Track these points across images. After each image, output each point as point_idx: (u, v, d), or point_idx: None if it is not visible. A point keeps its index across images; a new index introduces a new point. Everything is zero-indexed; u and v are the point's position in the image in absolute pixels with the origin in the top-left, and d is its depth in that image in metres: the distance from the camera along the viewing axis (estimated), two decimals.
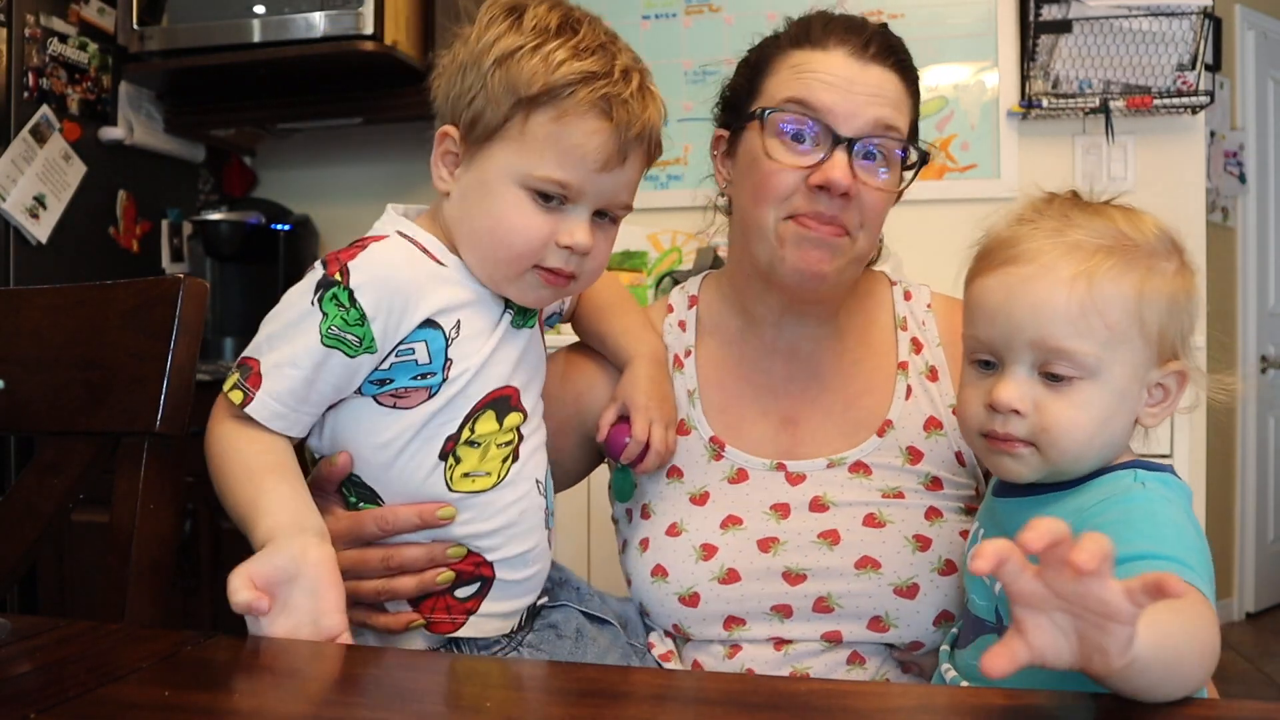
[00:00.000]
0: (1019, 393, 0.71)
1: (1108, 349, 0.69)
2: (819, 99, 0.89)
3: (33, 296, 1.02)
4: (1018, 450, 0.72)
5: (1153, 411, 0.73)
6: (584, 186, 0.78)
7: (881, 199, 0.92)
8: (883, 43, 0.92)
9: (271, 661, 0.66)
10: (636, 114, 0.78)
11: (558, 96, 0.76)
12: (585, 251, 0.80)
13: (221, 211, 2.58)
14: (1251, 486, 3.80)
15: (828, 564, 0.90)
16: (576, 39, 0.78)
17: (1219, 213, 3.66)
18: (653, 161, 0.84)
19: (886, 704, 0.54)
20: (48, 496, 0.95)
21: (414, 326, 0.79)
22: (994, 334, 0.72)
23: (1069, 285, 0.69)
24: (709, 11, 2.58)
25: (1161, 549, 0.62)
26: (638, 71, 0.80)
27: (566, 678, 0.64)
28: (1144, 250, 0.71)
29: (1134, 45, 2.28)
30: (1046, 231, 0.72)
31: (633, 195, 0.83)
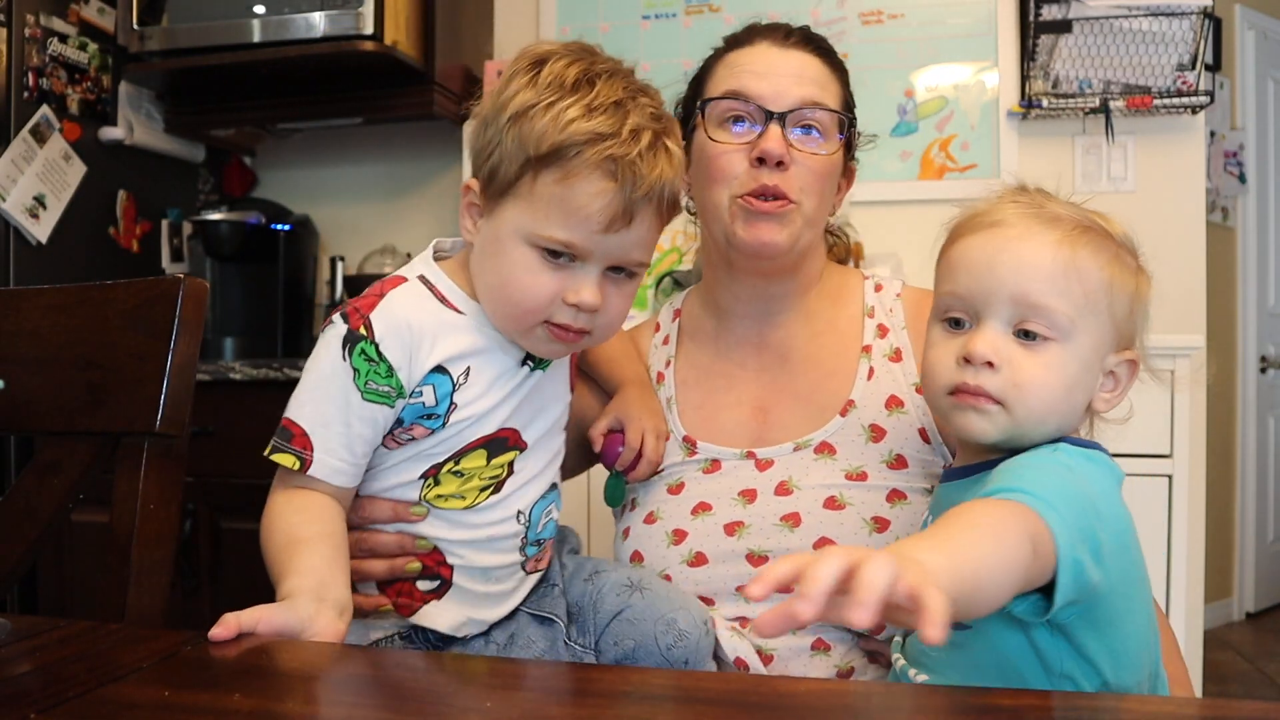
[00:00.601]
0: (994, 345, 0.73)
1: (1081, 315, 0.72)
2: (749, 86, 0.99)
3: (33, 296, 1.02)
4: (985, 406, 0.73)
5: (1105, 397, 0.76)
6: (589, 246, 0.78)
7: (819, 164, 0.99)
8: (803, 34, 1.04)
9: (271, 661, 0.66)
10: (644, 174, 0.77)
11: (564, 157, 0.76)
12: (593, 310, 0.80)
13: (221, 211, 2.58)
14: (1251, 486, 3.80)
15: (788, 545, 0.94)
16: (590, 96, 0.77)
17: (1219, 213, 3.67)
18: (669, 218, 0.83)
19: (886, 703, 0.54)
20: (48, 496, 0.95)
21: (425, 372, 0.82)
22: (975, 288, 0.74)
23: (1054, 246, 0.72)
24: (709, 11, 2.58)
25: (1029, 487, 0.64)
26: (650, 130, 0.78)
27: (567, 678, 0.64)
28: (1114, 240, 0.75)
29: (1134, 45, 2.28)
30: (1027, 206, 0.76)
31: (647, 253, 0.83)
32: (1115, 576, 0.67)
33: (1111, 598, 0.68)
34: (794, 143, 0.98)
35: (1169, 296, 2.50)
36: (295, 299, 2.64)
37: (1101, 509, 0.67)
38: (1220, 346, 3.54)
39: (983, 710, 0.56)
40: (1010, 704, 0.56)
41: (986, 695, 0.59)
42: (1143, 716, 0.54)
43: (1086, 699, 0.59)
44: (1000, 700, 0.57)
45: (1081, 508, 0.65)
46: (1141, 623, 0.72)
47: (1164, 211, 2.37)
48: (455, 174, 2.66)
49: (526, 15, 2.71)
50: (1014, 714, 0.55)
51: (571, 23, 2.66)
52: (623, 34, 2.63)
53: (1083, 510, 0.65)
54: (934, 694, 0.58)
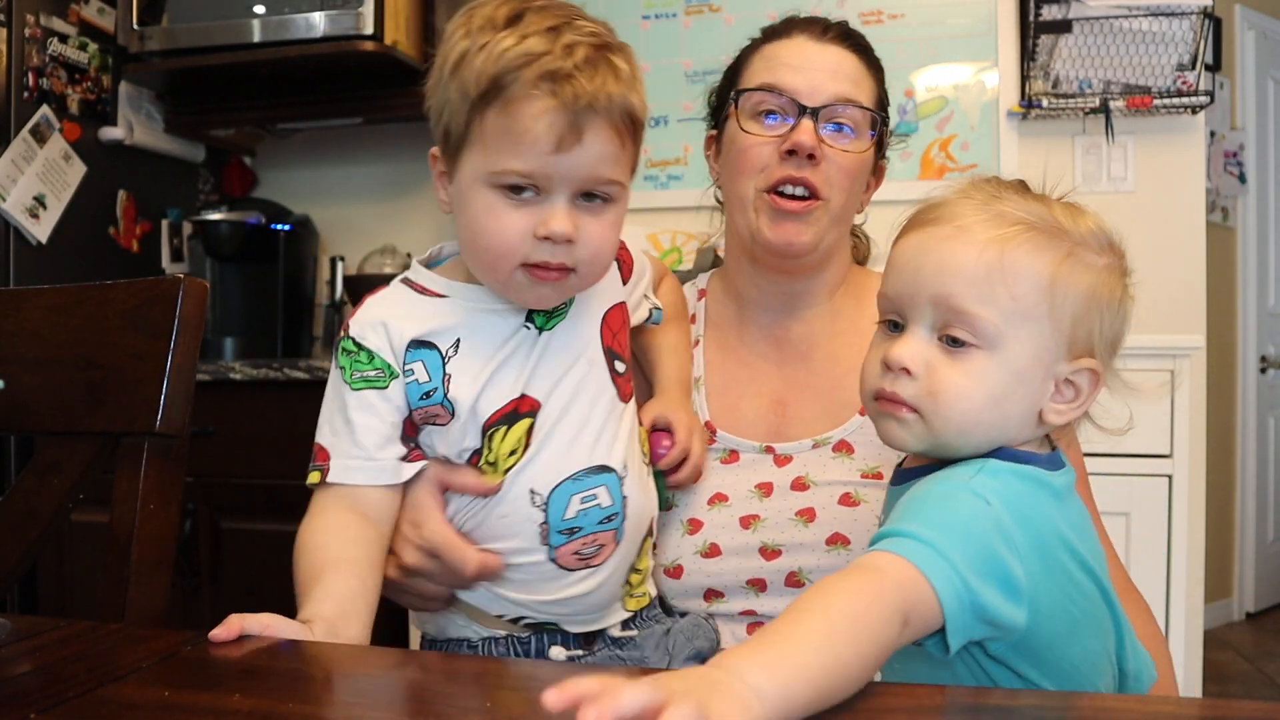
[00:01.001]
0: (912, 351, 0.69)
1: (1010, 323, 0.67)
2: (784, 80, 0.99)
3: (33, 296, 1.02)
4: (903, 414, 0.69)
5: (1058, 408, 0.69)
6: (546, 171, 0.75)
7: (849, 160, 0.99)
8: (841, 29, 1.04)
9: (271, 661, 0.66)
10: (585, 86, 0.73)
11: (502, 86, 0.74)
12: (565, 239, 0.77)
13: (221, 211, 2.58)
14: (1251, 486, 3.80)
15: (801, 540, 0.94)
16: (521, 26, 0.75)
17: (1219, 213, 3.67)
18: (633, 137, 0.80)
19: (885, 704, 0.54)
20: (48, 496, 0.95)
21: (404, 348, 0.82)
22: (901, 290, 0.70)
23: (981, 248, 0.67)
24: (709, 11, 2.58)
25: (920, 530, 0.60)
26: (586, 44, 0.75)
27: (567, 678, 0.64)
28: (1071, 237, 0.69)
29: (1134, 45, 2.28)
30: (975, 201, 0.70)
31: (617, 169, 0.78)
32: (1046, 605, 0.64)
33: (1046, 626, 0.64)
34: (825, 138, 0.98)
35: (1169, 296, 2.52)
36: (295, 299, 2.64)
37: (1019, 539, 0.63)
38: (1220, 346, 3.54)
39: (982, 710, 0.56)
40: (1009, 704, 0.56)
41: (986, 695, 0.59)
42: (1143, 716, 0.54)
43: (1086, 699, 0.59)
44: (1000, 700, 0.57)
45: (986, 544, 0.61)
46: (1091, 645, 0.69)
47: (1164, 211, 2.37)
48: None
49: None
50: (1013, 714, 0.55)
51: None
52: (623, 34, 2.57)
53: (988, 547, 0.61)
54: (934, 694, 0.58)
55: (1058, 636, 0.66)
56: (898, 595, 0.57)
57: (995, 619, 0.61)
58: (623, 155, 0.79)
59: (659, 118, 2.59)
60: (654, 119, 2.60)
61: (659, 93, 2.60)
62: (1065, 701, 0.58)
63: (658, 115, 2.60)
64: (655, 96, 2.57)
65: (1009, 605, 0.62)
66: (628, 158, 0.80)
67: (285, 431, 2.07)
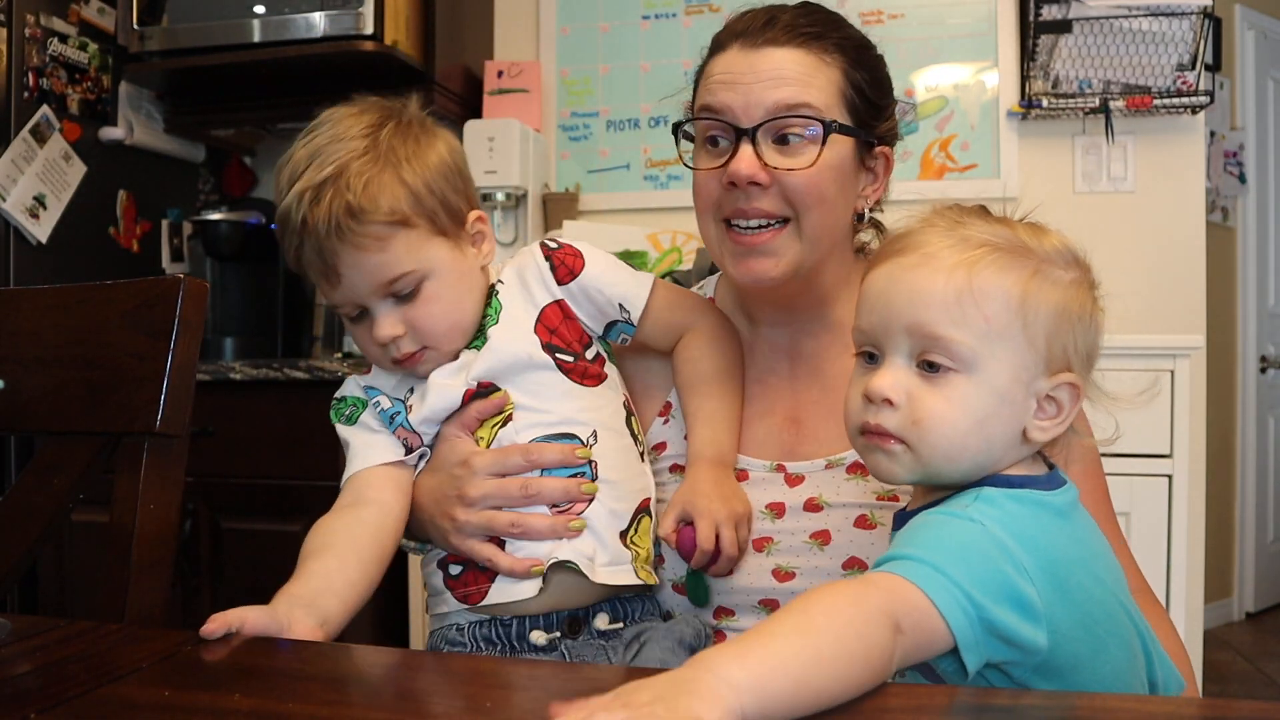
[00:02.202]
0: (892, 381, 0.69)
1: (985, 343, 0.67)
2: (718, 100, 0.91)
3: (33, 296, 1.02)
4: (890, 446, 0.69)
5: (1041, 425, 0.69)
6: (343, 300, 0.87)
7: (804, 179, 0.89)
8: (785, 22, 0.91)
9: (271, 661, 0.66)
10: (313, 230, 0.83)
11: (286, 252, 0.88)
12: (387, 342, 0.87)
13: (221, 211, 2.58)
14: (1251, 486, 3.80)
15: (817, 564, 0.91)
16: (286, 179, 0.88)
17: (1219, 213, 3.67)
18: (377, 238, 0.84)
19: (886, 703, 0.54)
20: (48, 496, 0.95)
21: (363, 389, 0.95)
22: (874, 321, 0.70)
23: (949, 272, 0.67)
24: (709, 11, 2.58)
25: (917, 552, 0.60)
26: (311, 188, 0.84)
27: (567, 678, 0.64)
28: (1036, 255, 0.69)
29: (1134, 45, 2.28)
30: (939, 228, 0.71)
31: (397, 266, 0.85)
32: (1065, 626, 0.63)
33: (1068, 647, 0.63)
34: (771, 157, 0.89)
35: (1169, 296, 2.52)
36: (295, 299, 2.64)
37: (1027, 563, 0.62)
38: (1220, 346, 3.54)
39: (982, 710, 0.56)
40: (1010, 704, 0.56)
41: (987, 695, 0.59)
42: (1143, 716, 0.54)
43: (1086, 699, 0.59)
44: (1000, 700, 0.57)
45: (990, 564, 0.61)
46: (1117, 661, 0.68)
47: (1164, 211, 2.37)
48: None
49: (526, 15, 2.71)
50: (1014, 714, 0.55)
51: (571, 23, 2.66)
52: (623, 34, 2.63)
53: (992, 566, 0.61)
54: (934, 694, 0.58)
55: (1081, 657, 0.65)
56: (884, 598, 0.57)
57: (1015, 639, 0.60)
58: (390, 256, 0.85)
59: (658, 118, 2.60)
60: (653, 119, 2.61)
61: (659, 93, 2.60)
62: (1064, 701, 0.58)
63: (657, 115, 2.60)
64: (655, 96, 2.59)
65: (1028, 626, 0.61)
66: (404, 248, 0.85)
67: (285, 431, 2.07)
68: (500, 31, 2.73)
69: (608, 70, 2.64)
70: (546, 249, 0.94)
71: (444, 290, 0.88)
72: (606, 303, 0.94)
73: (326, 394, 1.01)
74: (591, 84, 2.65)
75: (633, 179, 2.61)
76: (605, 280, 0.94)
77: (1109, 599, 0.68)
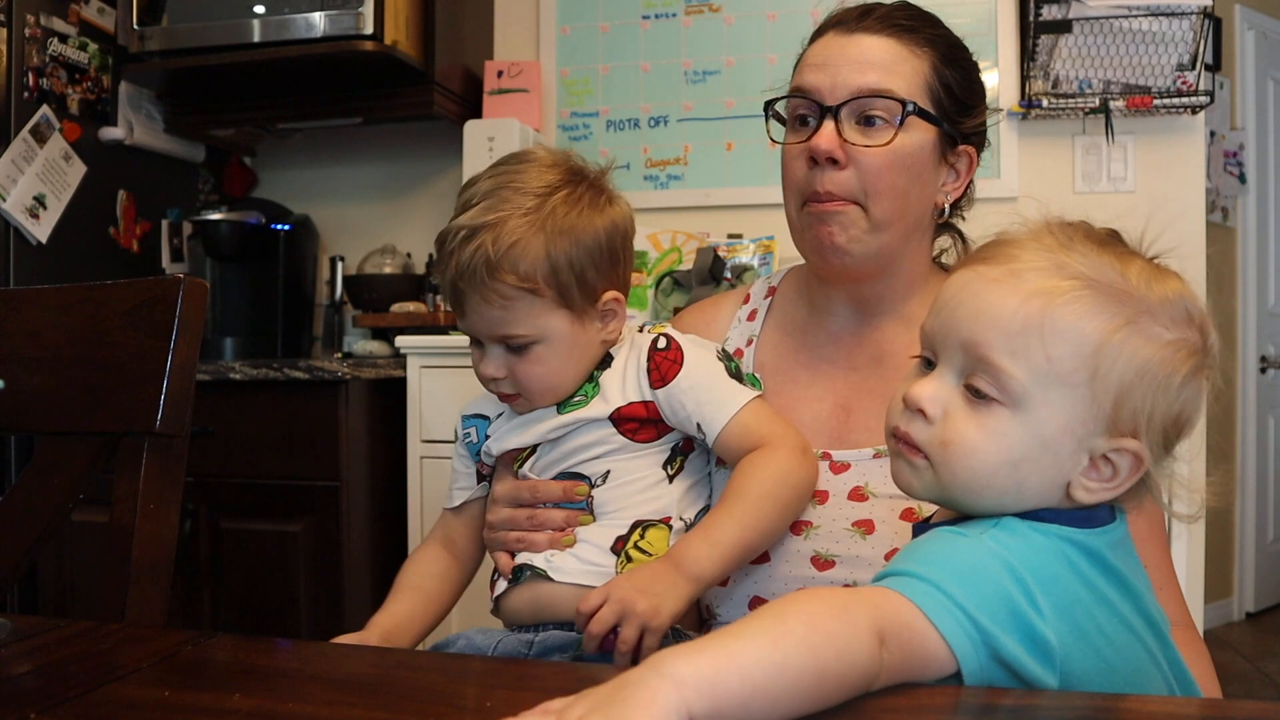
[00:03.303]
0: (933, 393, 0.64)
1: (1040, 384, 0.61)
2: (808, 81, 0.95)
3: (33, 296, 1.02)
4: (914, 458, 0.66)
5: (1090, 486, 0.63)
6: (465, 330, 0.94)
7: (878, 157, 0.91)
8: (884, 14, 0.95)
9: (271, 661, 0.66)
10: (453, 267, 0.89)
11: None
12: (492, 379, 0.94)
13: (221, 211, 2.58)
14: (1251, 486, 3.80)
15: (858, 553, 0.89)
16: (461, 203, 0.93)
17: (1219, 213, 3.67)
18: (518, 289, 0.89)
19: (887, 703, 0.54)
20: (48, 496, 0.95)
21: (460, 418, 1.04)
22: (936, 326, 0.66)
23: (1024, 298, 0.61)
24: (709, 11, 2.58)
25: (918, 568, 0.57)
26: (465, 228, 0.89)
27: (566, 678, 0.64)
28: (1138, 304, 0.62)
29: (1134, 45, 2.28)
30: (1043, 245, 0.65)
31: (516, 325, 0.90)
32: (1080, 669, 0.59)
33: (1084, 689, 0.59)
34: (851, 137, 0.92)
35: None
36: (295, 299, 2.64)
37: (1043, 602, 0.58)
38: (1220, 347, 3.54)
39: (983, 710, 0.56)
40: (1011, 704, 0.56)
41: (987, 695, 0.59)
42: (1143, 716, 0.53)
43: (1086, 699, 0.59)
44: (1001, 700, 0.57)
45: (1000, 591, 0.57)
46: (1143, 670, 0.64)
47: (1164, 211, 2.36)
48: (455, 174, 2.66)
49: (526, 15, 2.71)
50: (1014, 714, 0.55)
51: (571, 23, 2.66)
52: (623, 34, 2.63)
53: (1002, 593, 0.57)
54: (934, 694, 0.58)
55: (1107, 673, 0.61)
56: (872, 613, 0.54)
57: (1023, 675, 0.57)
58: (511, 315, 0.90)
59: (658, 118, 2.60)
60: (653, 119, 2.61)
61: (659, 93, 2.61)
62: (1067, 701, 0.58)
63: (657, 115, 2.60)
64: (655, 96, 2.59)
65: (1036, 665, 0.57)
66: (524, 313, 0.90)
67: (285, 431, 2.07)
68: (500, 31, 2.73)
69: (608, 70, 2.64)
70: (654, 349, 0.95)
71: (552, 358, 0.92)
72: (686, 419, 0.93)
73: (326, 394, 1.02)
74: (591, 84, 2.65)
75: (633, 179, 2.60)
76: (691, 397, 0.92)
77: (1135, 648, 0.63)
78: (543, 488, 0.96)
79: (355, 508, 2.09)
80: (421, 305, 2.53)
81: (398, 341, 2.17)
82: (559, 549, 0.93)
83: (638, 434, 0.94)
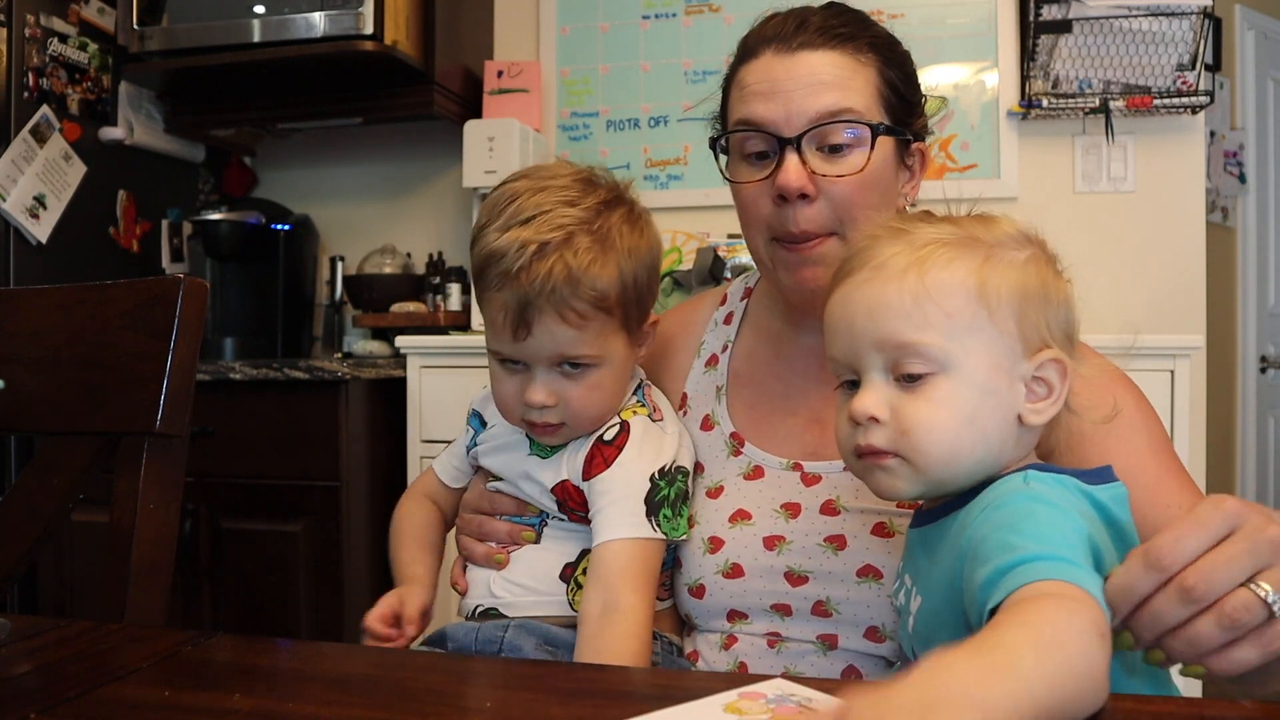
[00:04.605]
0: (874, 399, 0.68)
1: (954, 339, 0.66)
2: (755, 112, 0.89)
3: (33, 296, 1.02)
4: (886, 462, 0.68)
5: (1036, 408, 0.68)
6: (514, 353, 0.88)
7: (850, 185, 0.88)
8: (819, 24, 0.90)
9: (271, 661, 0.66)
10: (523, 284, 0.83)
11: (481, 277, 0.87)
12: (543, 405, 0.88)
13: (221, 211, 2.58)
14: (1251, 486, 3.80)
15: (830, 568, 0.89)
16: (504, 218, 0.86)
17: (1219, 213, 3.67)
18: (594, 309, 0.85)
19: None
20: (48, 496, 0.95)
21: (469, 413, 1.04)
22: (843, 348, 0.70)
23: (900, 278, 0.67)
24: (709, 11, 2.58)
25: (1046, 549, 0.58)
26: (536, 243, 0.83)
27: (566, 678, 0.64)
28: (985, 243, 0.68)
29: (1134, 45, 2.28)
30: (882, 239, 0.70)
31: (583, 346, 0.86)
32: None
33: None
34: (818, 166, 0.88)
35: (1169, 296, 2.52)
36: (295, 299, 2.64)
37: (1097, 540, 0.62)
38: (1220, 346, 3.54)
39: None
40: None
41: None
42: (1143, 716, 0.54)
43: None
44: None
45: (1083, 536, 0.61)
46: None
47: (1164, 211, 2.37)
48: (455, 174, 2.66)
49: (526, 15, 2.71)
50: None
51: (571, 23, 2.66)
52: (623, 34, 2.63)
53: (1088, 542, 0.61)
54: None
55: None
56: (1089, 611, 0.54)
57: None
58: (584, 335, 0.86)
59: (658, 118, 2.60)
60: (653, 119, 2.61)
61: (659, 93, 2.61)
62: None
63: (657, 115, 2.60)
64: (655, 97, 2.59)
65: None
66: (595, 333, 0.87)
67: (285, 431, 2.07)
68: (500, 31, 2.73)
69: (608, 70, 2.64)
70: (600, 440, 0.91)
71: (608, 383, 0.90)
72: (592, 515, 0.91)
73: (326, 394, 1.02)
74: (591, 84, 2.65)
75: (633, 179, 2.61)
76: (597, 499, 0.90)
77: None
78: (499, 501, 0.98)
79: (355, 508, 2.09)
80: (421, 305, 2.53)
81: (398, 341, 2.17)
82: (492, 566, 0.96)
83: (574, 514, 0.93)
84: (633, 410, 0.93)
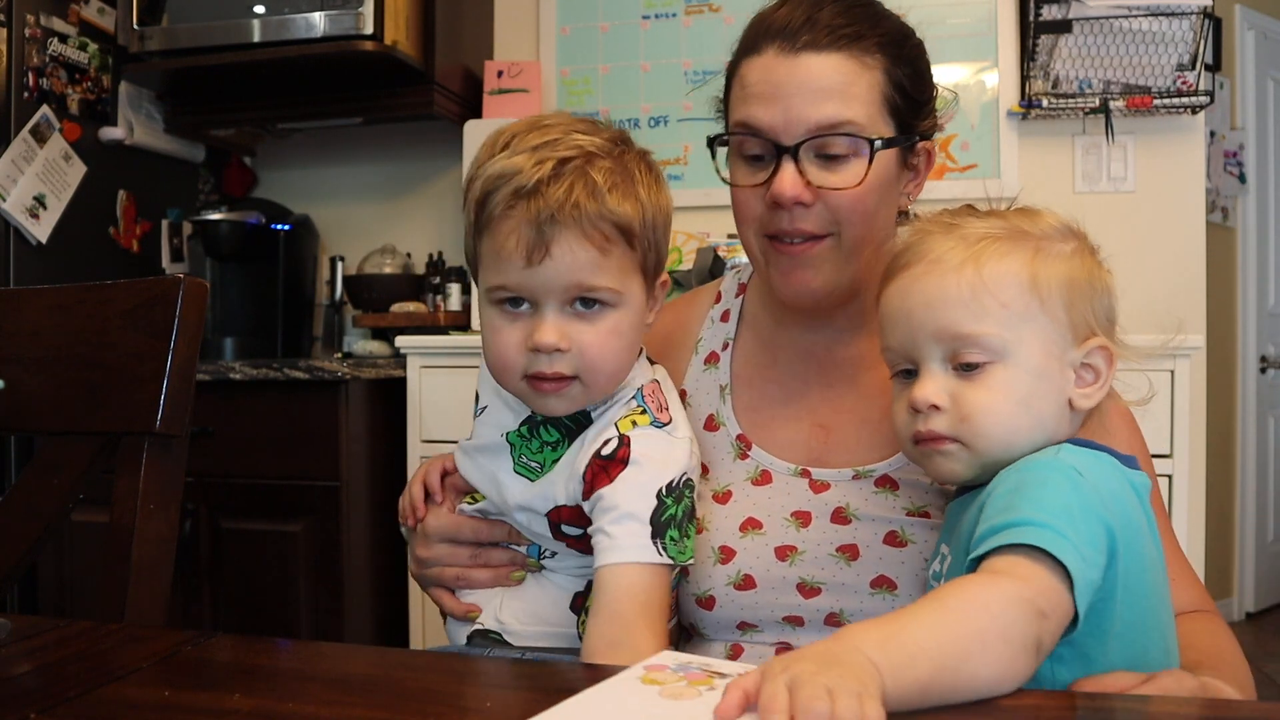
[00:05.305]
0: (934, 387, 0.72)
1: (1010, 328, 0.70)
2: (755, 116, 0.88)
3: (33, 296, 1.02)
4: (945, 447, 0.72)
5: (1085, 393, 0.73)
6: (527, 283, 0.78)
7: (848, 198, 0.87)
8: (827, 21, 0.87)
9: (271, 661, 0.66)
10: (547, 199, 0.75)
11: (486, 207, 0.78)
12: (554, 349, 0.78)
13: (221, 211, 2.58)
14: (1251, 486, 3.80)
15: (843, 580, 0.87)
16: (510, 148, 0.78)
17: (1219, 213, 3.67)
18: (615, 237, 0.78)
19: None
20: (48, 496, 0.95)
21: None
22: (901, 339, 0.74)
23: (957, 271, 0.71)
24: (709, 11, 2.58)
25: (1039, 515, 0.62)
26: (554, 159, 0.76)
27: (566, 678, 0.64)
28: (1034, 236, 0.73)
29: (1134, 45, 2.28)
30: (936, 234, 0.74)
31: (602, 276, 0.78)
32: (1133, 579, 0.65)
33: (1129, 601, 0.65)
34: (815, 174, 0.87)
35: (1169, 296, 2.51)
36: (295, 299, 2.64)
37: (1115, 511, 0.65)
38: (1220, 346, 3.54)
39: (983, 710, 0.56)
40: (1010, 704, 0.56)
41: None
42: (1143, 716, 0.54)
43: (1086, 699, 0.59)
44: (1001, 700, 0.57)
45: (1095, 516, 0.63)
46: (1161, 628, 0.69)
47: (1164, 211, 2.37)
48: (455, 174, 2.66)
49: (526, 15, 2.71)
50: (1014, 714, 0.55)
51: (571, 23, 2.66)
52: (623, 34, 2.63)
53: (1096, 519, 0.63)
54: None
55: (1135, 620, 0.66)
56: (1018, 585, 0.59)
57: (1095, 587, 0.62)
58: (606, 262, 0.78)
59: (658, 118, 2.60)
60: (653, 119, 2.61)
61: (659, 93, 2.61)
62: (1065, 701, 0.58)
63: (657, 115, 2.60)
64: (655, 96, 2.59)
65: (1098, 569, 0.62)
66: (616, 263, 0.79)
67: (285, 431, 2.07)
68: (500, 31, 2.73)
69: (608, 70, 2.64)
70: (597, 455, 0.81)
71: (626, 330, 0.81)
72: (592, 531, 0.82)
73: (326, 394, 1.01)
74: (591, 84, 2.65)
75: None
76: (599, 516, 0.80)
77: (1154, 590, 0.68)
78: (486, 529, 0.90)
79: (355, 508, 2.09)
80: (421, 305, 2.53)
81: (398, 341, 2.17)
82: (506, 584, 0.89)
83: (575, 542, 0.85)
84: (631, 420, 0.83)
